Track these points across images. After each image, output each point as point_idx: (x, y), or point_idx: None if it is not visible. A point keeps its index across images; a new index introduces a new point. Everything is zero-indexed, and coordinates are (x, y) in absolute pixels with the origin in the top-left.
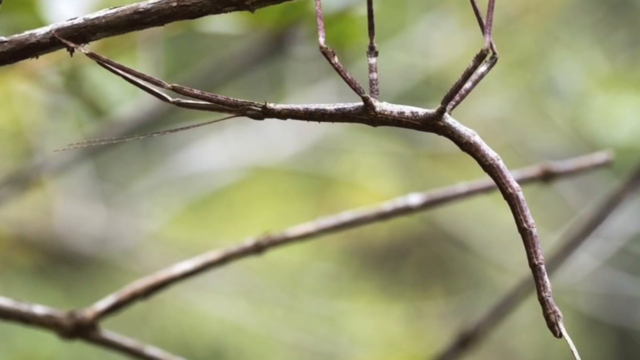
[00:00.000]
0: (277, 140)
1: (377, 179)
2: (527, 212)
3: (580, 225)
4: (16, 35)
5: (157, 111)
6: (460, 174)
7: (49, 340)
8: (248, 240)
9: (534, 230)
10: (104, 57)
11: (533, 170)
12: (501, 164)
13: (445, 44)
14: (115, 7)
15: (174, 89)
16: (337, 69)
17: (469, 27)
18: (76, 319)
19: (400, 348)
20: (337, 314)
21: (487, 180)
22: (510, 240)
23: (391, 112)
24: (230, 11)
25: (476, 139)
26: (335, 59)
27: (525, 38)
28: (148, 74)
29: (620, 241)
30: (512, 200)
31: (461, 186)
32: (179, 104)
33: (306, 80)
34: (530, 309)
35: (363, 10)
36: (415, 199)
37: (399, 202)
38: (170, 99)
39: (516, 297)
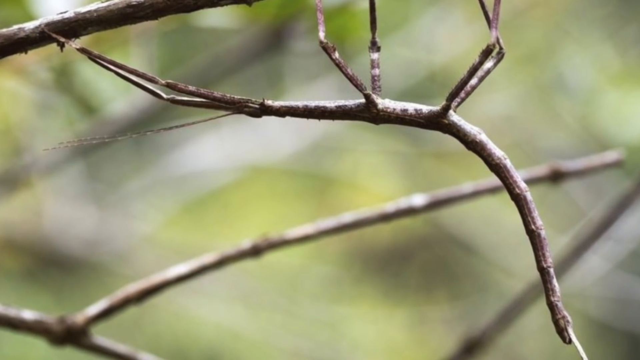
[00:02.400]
0: (276, 138)
1: (379, 179)
2: (535, 214)
3: (590, 226)
4: (4, 30)
5: (151, 108)
6: (466, 174)
7: (38, 346)
8: (245, 243)
9: (543, 232)
10: (96, 52)
11: (541, 169)
12: (508, 163)
13: (450, 39)
14: (107, 0)
15: (168, 86)
16: (338, 65)
17: (474, 21)
18: (67, 325)
19: (403, 354)
20: (338, 319)
21: (493, 180)
22: (517, 243)
23: (394, 109)
24: (227, 4)
25: (482, 137)
26: (336, 55)
27: (534, 32)
28: (141, 69)
29: (631, 243)
30: (519, 201)
31: (467, 186)
32: (173, 101)
33: (306, 76)
34: (538, 313)
35: (365, 4)
36: (419, 199)
37: (402, 203)
38: (164, 95)
39: (524, 302)
